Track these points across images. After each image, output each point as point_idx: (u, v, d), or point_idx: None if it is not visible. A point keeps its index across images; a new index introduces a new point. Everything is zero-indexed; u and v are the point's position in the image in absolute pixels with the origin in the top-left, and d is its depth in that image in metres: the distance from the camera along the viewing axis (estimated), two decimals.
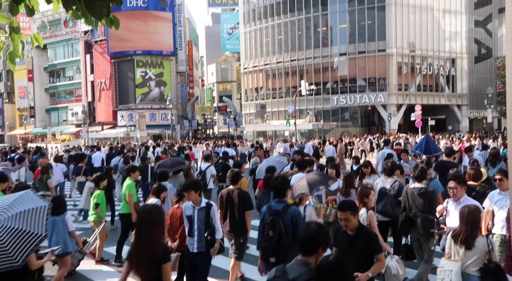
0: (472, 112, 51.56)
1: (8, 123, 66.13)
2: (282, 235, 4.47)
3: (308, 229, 2.97)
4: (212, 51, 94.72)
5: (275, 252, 4.47)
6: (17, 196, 4.01)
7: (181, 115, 56.88)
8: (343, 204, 4.04)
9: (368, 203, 5.24)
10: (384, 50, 46.15)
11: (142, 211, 3.76)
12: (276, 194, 4.87)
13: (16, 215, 3.66)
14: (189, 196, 5.17)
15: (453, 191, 5.18)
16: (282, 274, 2.83)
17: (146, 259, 3.46)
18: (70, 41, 58.14)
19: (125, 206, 7.62)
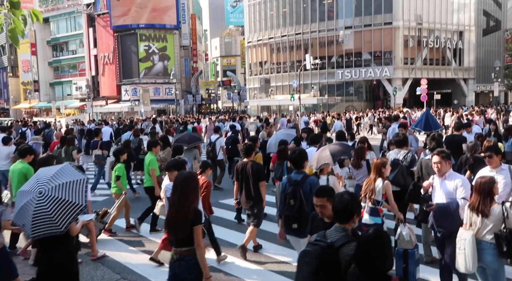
0: (478, 86, 51.03)
1: (13, 97, 66.28)
2: (302, 203, 4.76)
3: (342, 200, 3.20)
4: (216, 24, 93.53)
5: (297, 219, 4.76)
6: (57, 169, 4.32)
7: (185, 90, 56.69)
8: (319, 190, 3.78)
9: (384, 173, 5.44)
10: (391, 23, 45.37)
11: (179, 178, 3.97)
12: (295, 166, 5.12)
13: (59, 186, 4.02)
14: (171, 176, 4.81)
15: (438, 166, 4.89)
16: (322, 238, 3.07)
17: (180, 221, 3.77)
18: (72, 15, 57.51)
19: (149, 180, 7.87)
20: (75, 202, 3.98)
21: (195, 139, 10.77)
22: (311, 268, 2.87)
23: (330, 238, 3.00)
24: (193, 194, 3.87)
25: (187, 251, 3.77)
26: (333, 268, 2.86)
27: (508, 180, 5.21)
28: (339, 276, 2.83)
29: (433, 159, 4.95)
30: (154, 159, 7.95)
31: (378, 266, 2.67)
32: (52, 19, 60.01)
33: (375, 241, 2.69)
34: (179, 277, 3.82)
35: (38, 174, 4.40)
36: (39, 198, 3.91)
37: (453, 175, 4.96)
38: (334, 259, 2.88)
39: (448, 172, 4.93)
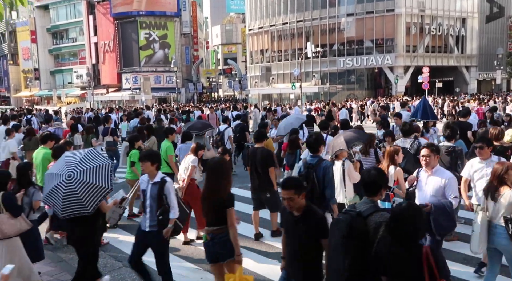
0: (480, 74, 50.74)
1: (14, 85, 66.18)
2: (314, 185, 5.05)
3: (370, 175, 3.47)
4: (217, 12, 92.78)
5: (309, 199, 4.83)
6: (83, 153, 4.74)
7: (186, 78, 56.50)
8: (286, 182, 3.59)
9: (397, 160, 5.71)
10: (393, 10, 44.94)
11: (212, 163, 4.31)
12: (311, 150, 5.41)
13: (86, 170, 4.44)
14: (144, 168, 4.66)
15: (426, 159, 4.77)
16: (352, 208, 3.38)
17: (213, 202, 4.11)
18: (72, 2, 57.11)
19: (165, 167, 7.91)
20: (102, 185, 4.44)
21: (207, 126, 11.39)
22: (341, 234, 3.19)
23: (359, 208, 3.31)
24: (226, 177, 4.21)
25: (218, 230, 4.10)
26: (362, 234, 3.16)
27: None
28: (367, 241, 3.12)
29: (422, 151, 4.84)
30: (171, 146, 8.13)
31: (410, 235, 2.91)
32: (52, 6, 59.61)
33: (408, 212, 2.94)
34: (214, 254, 4.18)
35: (66, 157, 4.82)
36: (69, 181, 4.35)
37: (441, 171, 4.83)
38: (362, 226, 3.18)
39: (436, 167, 4.82)
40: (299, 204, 3.50)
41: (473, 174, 5.36)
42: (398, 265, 2.91)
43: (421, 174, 4.93)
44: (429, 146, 4.93)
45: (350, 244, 3.14)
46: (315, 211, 3.58)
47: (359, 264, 3.12)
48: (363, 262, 3.11)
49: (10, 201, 4.70)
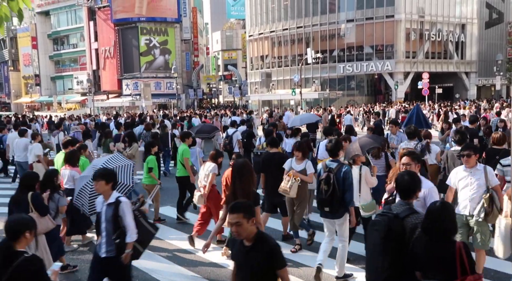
0: (480, 80, 50.80)
1: (14, 91, 66.28)
2: (334, 189, 5.18)
3: (403, 180, 3.63)
4: (217, 18, 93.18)
5: (329, 203, 5.20)
6: (108, 157, 5.33)
7: (186, 84, 56.60)
8: (234, 205, 3.21)
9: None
10: (393, 16, 45.10)
11: (237, 165, 4.57)
12: (330, 154, 5.59)
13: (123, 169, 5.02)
14: (98, 187, 4.36)
15: (406, 168, 4.48)
16: (388, 210, 3.52)
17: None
18: (73, 8, 57.30)
19: (181, 170, 8.17)
20: (124, 183, 4.90)
21: (215, 129, 12.34)
22: (380, 235, 3.35)
23: (395, 210, 3.46)
24: (250, 178, 4.47)
25: None
26: (399, 235, 3.30)
27: (482, 181, 5.01)
28: (404, 242, 3.28)
29: (402, 160, 4.63)
30: (187, 149, 8.30)
31: (444, 232, 3.12)
32: (53, 12, 59.85)
33: (442, 210, 3.17)
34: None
35: (93, 163, 5.43)
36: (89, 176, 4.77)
37: (422, 181, 4.58)
38: (399, 227, 3.33)
39: None
40: (249, 231, 3.10)
41: (458, 182, 5.21)
42: (432, 260, 3.11)
43: None
44: (409, 153, 4.71)
45: (389, 244, 3.30)
46: (268, 238, 3.19)
47: (397, 263, 3.28)
48: (400, 261, 3.28)
49: (38, 201, 5.03)
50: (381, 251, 3.33)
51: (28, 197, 4.97)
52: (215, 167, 6.85)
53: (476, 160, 5.16)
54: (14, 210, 4.97)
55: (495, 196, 4.95)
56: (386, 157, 7.27)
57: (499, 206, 4.91)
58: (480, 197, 4.97)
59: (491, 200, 4.92)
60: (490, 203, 4.91)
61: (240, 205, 3.22)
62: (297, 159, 6.38)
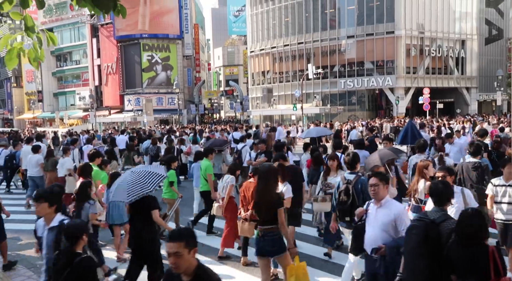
0: (481, 95, 50.96)
1: (17, 107, 66.60)
2: (354, 199, 5.38)
3: (437, 189, 3.88)
4: (219, 34, 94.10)
5: (349, 213, 5.32)
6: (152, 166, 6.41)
7: (188, 100, 56.84)
8: (173, 233, 2.84)
9: (427, 173, 5.81)
10: (393, 32, 45.50)
11: (261, 169, 4.83)
12: (349, 167, 5.87)
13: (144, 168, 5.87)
14: (40, 209, 4.15)
15: (374, 190, 4.25)
16: (424, 216, 3.75)
17: (265, 204, 4.60)
18: (76, 25, 57.96)
19: (205, 185, 8.44)
20: (159, 173, 5.50)
21: (224, 143, 12.89)
22: (418, 238, 3.57)
23: (431, 216, 3.68)
24: (275, 182, 4.77)
25: (270, 229, 4.61)
26: (435, 238, 3.52)
27: (461, 205, 4.78)
28: (440, 246, 3.49)
29: (369, 181, 4.37)
30: (210, 165, 8.58)
31: (476, 236, 3.30)
32: (56, 30, 60.45)
33: (473, 216, 3.37)
34: (263, 250, 4.69)
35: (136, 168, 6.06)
36: (132, 174, 5.43)
37: (390, 203, 4.29)
38: (435, 232, 3.54)
39: (385, 199, 4.28)
40: (189, 263, 2.74)
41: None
42: (466, 264, 3.28)
43: (370, 206, 4.39)
44: (377, 174, 4.43)
45: (426, 248, 3.52)
46: (210, 273, 2.83)
47: (433, 266, 3.49)
48: (437, 264, 3.49)
49: (64, 212, 5.26)
50: (419, 254, 3.55)
51: None
52: (233, 179, 7.14)
53: (452, 181, 4.96)
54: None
55: None
56: (396, 170, 7.41)
57: None
58: None
59: None
60: None
61: (181, 232, 2.83)
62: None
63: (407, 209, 5.92)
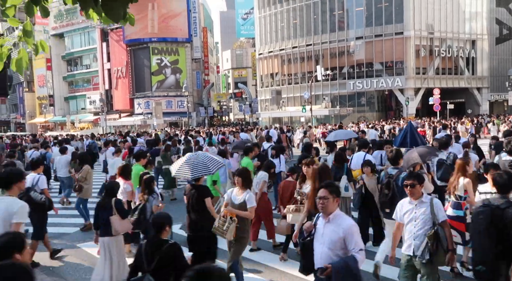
0: (492, 95, 50.42)
1: (29, 112, 67.45)
2: (394, 193, 5.75)
3: (503, 178, 4.30)
4: (227, 37, 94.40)
5: (389, 205, 5.70)
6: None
7: (197, 103, 57.10)
8: None
9: (468, 170, 5.95)
10: (402, 33, 45.25)
11: (320, 168, 5.42)
12: (392, 162, 6.30)
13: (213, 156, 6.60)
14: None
15: (323, 203, 3.83)
16: (488, 203, 4.16)
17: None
18: (87, 29, 58.61)
19: None
20: (219, 160, 6.28)
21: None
22: (486, 222, 4.01)
23: (495, 203, 4.09)
24: (329, 177, 5.27)
25: None
26: (500, 222, 3.96)
27: (428, 216, 4.41)
28: (504, 228, 3.94)
29: (318, 192, 3.94)
30: (251, 162, 8.92)
31: None
32: (67, 35, 61.24)
33: None
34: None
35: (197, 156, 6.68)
36: (196, 156, 6.20)
37: (339, 218, 3.85)
38: (500, 217, 3.97)
39: (334, 213, 3.85)
40: None
41: (403, 216, 4.59)
42: None
43: (319, 220, 3.96)
44: (327, 185, 3.96)
45: (492, 230, 3.96)
46: None
47: (499, 246, 3.94)
48: (502, 245, 3.93)
49: (120, 205, 5.89)
50: (487, 236, 3.99)
51: (112, 202, 5.81)
52: (266, 175, 7.45)
53: (421, 191, 4.55)
54: (100, 213, 5.85)
55: (440, 234, 4.34)
56: (428, 167, 7.76)
57: (445, 245, 4.33)
58: (425, 234, 4.36)
59: (435, 237, 4.31)
60: (434, 242, 4.30)
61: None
62: (238, 188, 5.63)
63: (447, 205, 6.00)
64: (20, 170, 5.91)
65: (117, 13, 2.95)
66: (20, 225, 4.32)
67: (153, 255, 3.91)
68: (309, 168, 6.26)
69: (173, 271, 3.83)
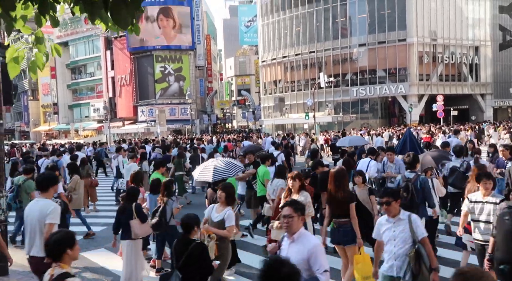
0: (496, 102, 50.28)
1: (33, 120, 67.72)
2: (413, 195, 6.02)
3: None
4: (230, 44, 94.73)
5: (408, 207, 5.58)
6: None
7: (200, 110, 57.21)
8: None
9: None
10: (405, 39, 45.30)
11: (334, 171, 5.61)
12: (408, 167, 6.48)
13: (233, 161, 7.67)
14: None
15: (288, 222, 3.60)
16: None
17: (339, 200, 5.39)
18: (91, 38, 58.98)
19: (262, 189, 8.78)
20: (239, 165, 7.19)
21: (258, 149, 13.63)
22: (511, 223, 4.37)
23: None
24: (346, 181, 5.55)
25: (343, 222, 5.40)
26: None
27: (407, 234, 4.21)
28: None
29: (282, 211, 3.70)
30: (268, 171, 9.03)
31: None
32: (71, 43, 61.62)
33: None
34: (337, 240, 5.46)
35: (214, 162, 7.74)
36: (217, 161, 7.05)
37: (304, 237, 3.63)
38: None
39: (299, 232, 3.63)
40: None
41: (383, 235, 4.41)
42: None
43: (284, 240, 3.75)
44: (291, 203, 3.74)
45: None
46: None
47: None
48: None
49: (140, 209, 6.15)
50: (511, 236, 4.31)
51: (132, 206, 6.07)
52: (283, 182, 7.65)
53: (399, 208, 4.33)
54: (121, 217, 6.10)
55: (422, 252, 4.14)
56: (437, 172, 7.97)
57: (428, 264, 4.14)
58: (406, 253, 4.18)
59: (417, 257, 4.11)
60: (416, 262, 4.09)
61: None
62: (219, 204, 5.36)
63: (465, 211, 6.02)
64: (55, 174, 6.41)
65: (125, 21, 2.99)
66: (53, 226, 4.76)
67: (181, 253, 4.23)
68: (295, 182, 6.01)
69: (199, 269, 4.10)
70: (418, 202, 5.95)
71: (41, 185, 5.08)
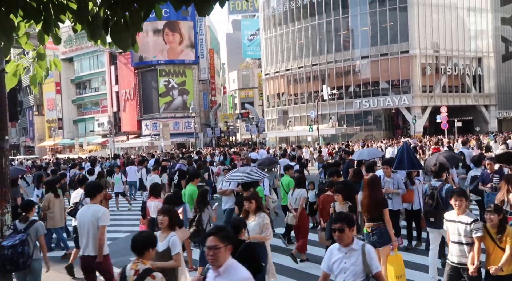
0: (501, 113, 50.11)
1: (38, 135, 68.07)
2: (438, 203, 6.24)
3: None
4: (233, 58, 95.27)
5: (434, 214, 6.22)
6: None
7: (204, 123, 57.35)
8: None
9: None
10: (407, 51, 45.43)
11: (368, 178, 6.08)
12: (435, 175, 6.81)
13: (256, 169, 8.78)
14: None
15: (213, 254, 3.20)
16: None
17: (373, 205, 5.85)
18: (95, 53, 59.55)
19: (287, 199, 8.99)
20: (264, 173, 8.20)
21: (273, 162, 14.13)
22: None
23: None
24: (379, 188, 6.13)
25: (377, 225, 5.82)
26: None
27: (359, 267, 3.68)
28: None
29: (207, 241, 3.25)
30: (292, 181, 9.25)
31: None
32: (76, 59, 62.22)
33: None
34: (372, 242, 5.66)
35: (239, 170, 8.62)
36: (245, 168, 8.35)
37: (232, 270, 3.23)
38: None
39: (226, 264, 3.23)
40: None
41: (333, 266, 3.83)
42: None
43: (209, 273, 3.35)
44: (217, 231, 3.30)
45: None
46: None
47: None
48: None
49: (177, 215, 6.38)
50: None
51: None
52: (304, 191, 8.21)
53: (352, 236, 3.78)
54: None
55: None
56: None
57: None
58: None
59: None
60: None
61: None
62: (161, 231, 4.90)
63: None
64: (100, 183, 7.08)
65: (125, 43, 3.02)
66: (105, 228, 5.38)
67: (232, 254, 3.78)
68: (251, 203, 5.56)
69: (249, 269, 3.52)
70: (442, 208, 6.14)
71: (90, 193, 5.73)
